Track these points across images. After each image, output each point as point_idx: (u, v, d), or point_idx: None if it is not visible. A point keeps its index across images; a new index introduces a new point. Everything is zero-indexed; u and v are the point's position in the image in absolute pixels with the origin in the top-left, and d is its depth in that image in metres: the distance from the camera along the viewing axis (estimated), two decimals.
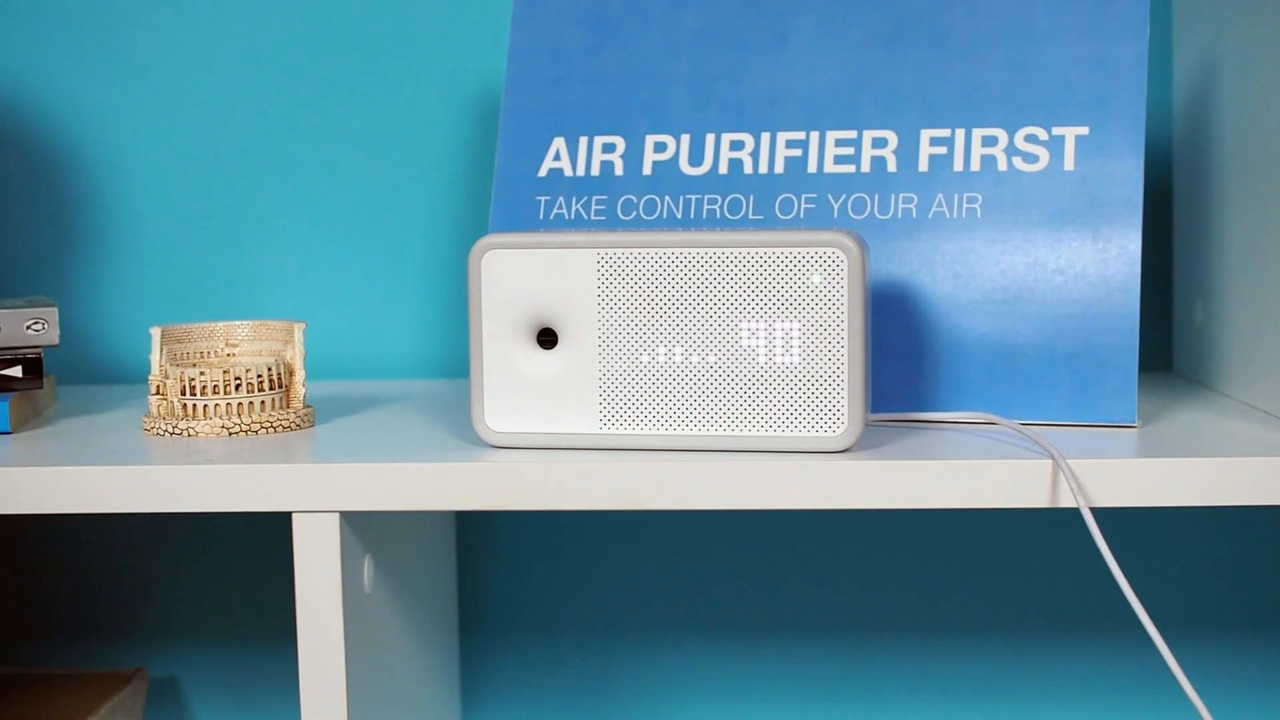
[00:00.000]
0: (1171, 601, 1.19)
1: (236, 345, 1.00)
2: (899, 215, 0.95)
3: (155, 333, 0.96)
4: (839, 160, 0.96)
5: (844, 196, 0.96)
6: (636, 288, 0.84)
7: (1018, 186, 0.93)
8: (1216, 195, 1.04)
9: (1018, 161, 0.94)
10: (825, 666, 1.22)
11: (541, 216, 1.00)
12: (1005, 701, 1.21)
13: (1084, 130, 0.93)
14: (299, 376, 0.96)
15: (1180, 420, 0.93)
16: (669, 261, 0.83)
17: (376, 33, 1.21)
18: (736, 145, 0.98)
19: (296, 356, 0.96)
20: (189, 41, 1.22)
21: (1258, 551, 1.19)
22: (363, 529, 0.89)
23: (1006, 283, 0.92)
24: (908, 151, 0.95)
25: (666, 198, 0.98)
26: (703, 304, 0.83)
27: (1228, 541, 1.19)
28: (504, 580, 1.23)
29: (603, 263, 0.84)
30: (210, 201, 1.23)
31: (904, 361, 0.93)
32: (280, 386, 0.95)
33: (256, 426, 0.93)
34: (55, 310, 0.98)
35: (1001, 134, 0.94)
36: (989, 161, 0.94)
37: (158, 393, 0.95)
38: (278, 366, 0.95)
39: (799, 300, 0.82)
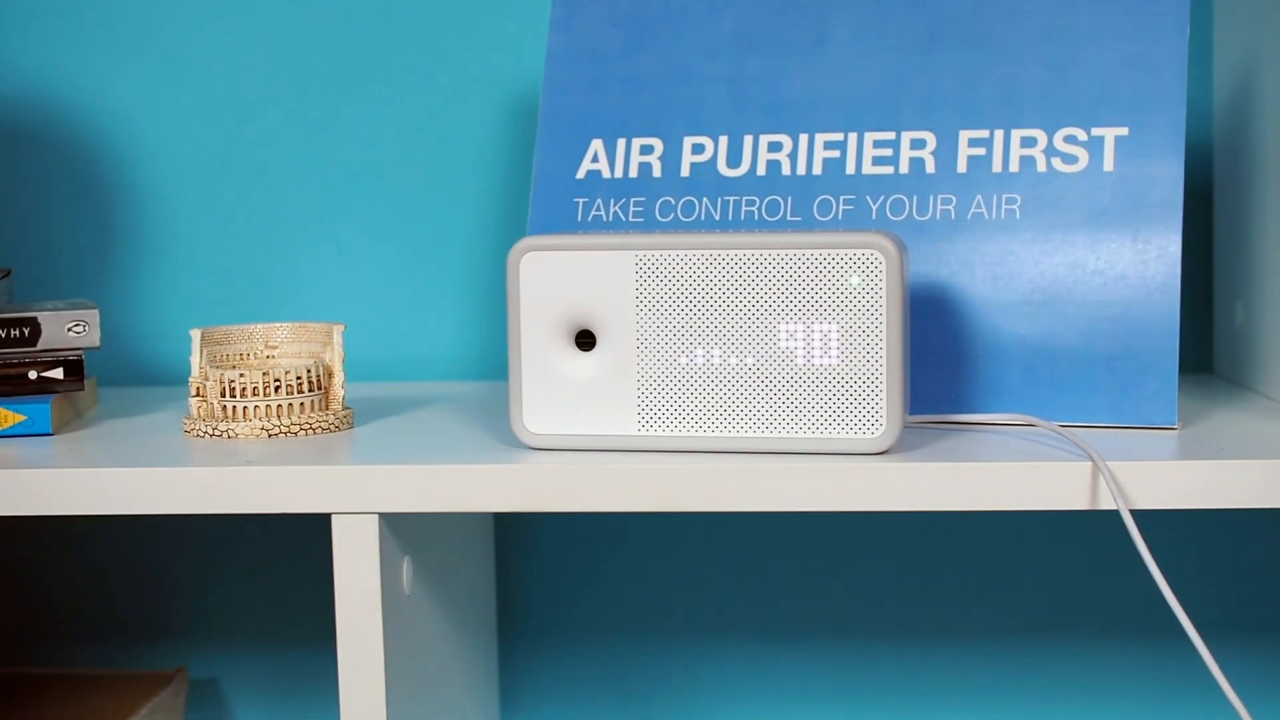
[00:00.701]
0: (1212, 604, 1.18)
1: (276, 347, 1.00)
2: (937, 216, 0.94)
3: (195, 335, 0.97)
4: (877, 161, 0.96)
5: (882, 198, 0.95)
6: (674, 289, 0.84)
7: (1057, 187, 0.93)
8: (1257, 196, 1.04)
9: (1057, 162, 0.93)
10: (862, 668, 1.21)
11: (580, 218, 1.00)
12: (1042, 703, 1.20)
13: (1123, 131, 0.93)
14: (338, 378, 0.96)
15: (1220, 422, 0.92)
16: (707, 263, 0.83)
17: (415, 36, 1.21)
18: (774, 147, 0.98)
19: (335, 358, 0.96)
20: (228, 44, 1.22)
21: None
22: (401, 530, 0.89)
23: (1046, 284, 0.92)
24: (946, 152, 0.95)
25: (704, 199, 0.98)
26: (741, 306, 0.83)
27: (1269, 544, 1.18)
28: (542, 581, 1.23)
29: (641, 264, 0.84)
30: (249, 204, 1.23)
31: (942, 363, 0.92)
32: (319, 388, 0.95)
33: (296, 428, 0.94)
34: (96, 312, 0.99)
35: (1040, 135, 0.94)
36: (1028, 162, 0.94)
37: (198, 394, 0.95)
38: (317, 368, 0.95)
39: (837, 302, 0.82)
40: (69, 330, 0.98)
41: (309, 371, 0.95)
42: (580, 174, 1.01)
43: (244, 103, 1.23)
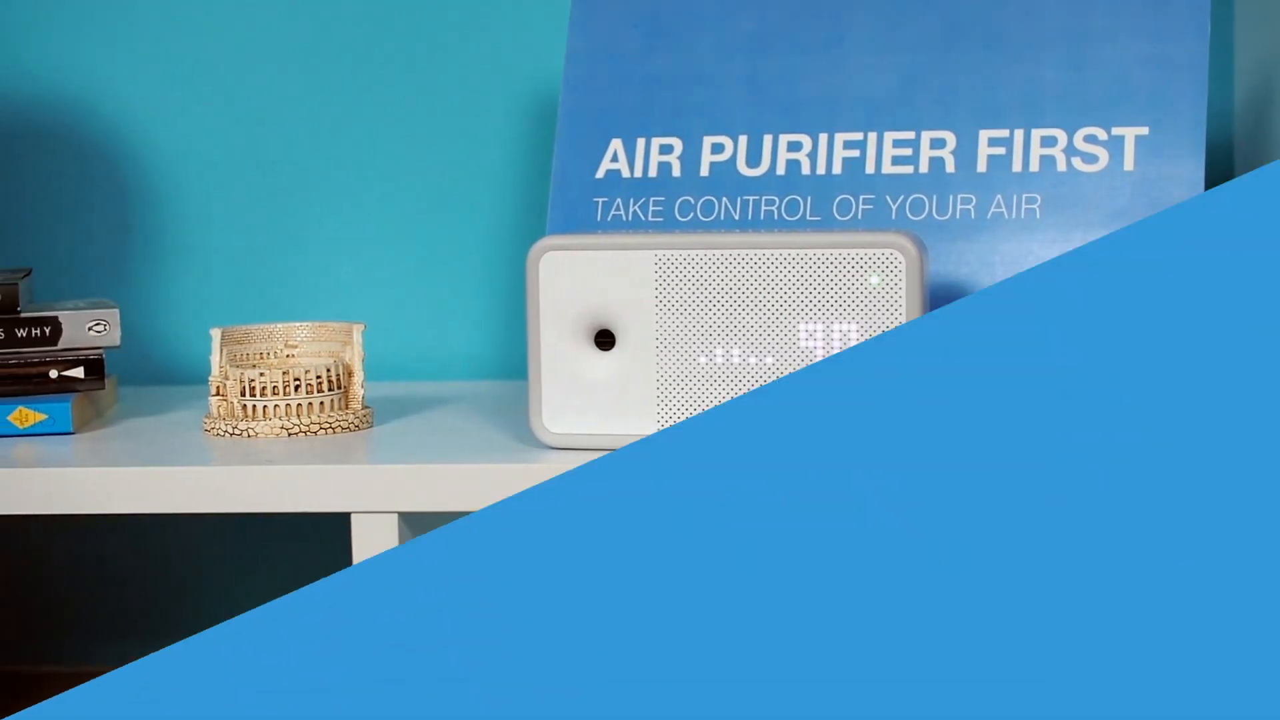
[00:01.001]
0: None
1: (296, 346, 1.00)
2: (957, 216, 0.94)
3: (215, 334, 0.97)
4: (897, 161, 0.96)
5: (902, 197, 0.95)
6: (694, 289, 0.84)
7: (1077, 187, 0.93)
8: None
9: (1077, 162, 0.93)
10: None
11: (599, 218, 1.00)
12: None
13: (1144, 131, 0.93)
14: (358, 377, 0.97)
15: None
16: (726, 263, 0.83)
17: (434, 36, 1.21)
18: (794, 146, 0.98)
19: (355, 358, 0.97)
20: (246, 43, 1.22)
21: None
22: (421, 530, 0.89)
23: None
24: (966, 152, 0.95)
25: (724, 199, 0.98)
26: (760, 305, 0.83)
27: None
28: None
29: (660, 264, 0.84)
30: (269, 203, 1.23)
31: None
32: (339, 387, 0.95)
33: (315, 427, 0.94)
34: (116, 312, 0.99)
35: (1060, 134, 0.94)
36: (1048, 162, 0.94)
37: (218, 394, 0.95)
38: (336, 367, 0.95)
39: (857, 302, 0.82)
40: (89, 329, 0.98)
41: (329, 371, 0.95)
42: (600, 173, 1.01)
43: (263, 102, 1.23)
